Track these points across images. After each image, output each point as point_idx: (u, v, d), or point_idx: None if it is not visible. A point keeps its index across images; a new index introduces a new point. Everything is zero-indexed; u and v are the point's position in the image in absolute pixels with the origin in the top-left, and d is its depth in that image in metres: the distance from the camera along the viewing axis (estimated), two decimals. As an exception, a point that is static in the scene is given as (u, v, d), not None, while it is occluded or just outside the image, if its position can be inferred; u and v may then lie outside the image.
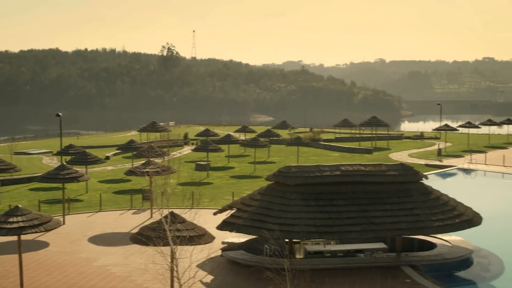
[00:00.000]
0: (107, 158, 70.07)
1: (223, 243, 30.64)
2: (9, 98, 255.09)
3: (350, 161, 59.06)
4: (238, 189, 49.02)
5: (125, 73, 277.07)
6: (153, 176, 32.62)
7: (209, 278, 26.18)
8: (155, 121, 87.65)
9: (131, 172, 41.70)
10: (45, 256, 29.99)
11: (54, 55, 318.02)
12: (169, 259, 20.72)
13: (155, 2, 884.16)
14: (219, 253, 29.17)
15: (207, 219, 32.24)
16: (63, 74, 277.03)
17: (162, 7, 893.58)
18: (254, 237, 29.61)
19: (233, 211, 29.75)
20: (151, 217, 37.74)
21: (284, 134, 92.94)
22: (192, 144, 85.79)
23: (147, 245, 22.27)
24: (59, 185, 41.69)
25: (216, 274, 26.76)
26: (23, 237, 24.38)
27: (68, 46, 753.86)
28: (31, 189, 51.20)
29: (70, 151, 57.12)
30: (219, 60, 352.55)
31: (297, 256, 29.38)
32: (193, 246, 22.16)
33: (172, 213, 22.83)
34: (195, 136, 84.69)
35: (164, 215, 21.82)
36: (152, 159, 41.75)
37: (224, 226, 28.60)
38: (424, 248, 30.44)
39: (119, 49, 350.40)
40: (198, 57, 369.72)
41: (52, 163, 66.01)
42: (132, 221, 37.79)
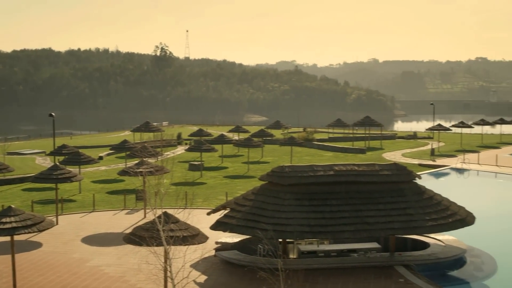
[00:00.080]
0: (101, 158, 69.93)
1: (216, 243, 30.62)
2: (2, 98, 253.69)
3: (343, 161, 59.12)
4: (231, 189, 49.02)
5: (118, 73, 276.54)
6: (147, 176, 32.59)
7: (202, 278, 26.16)
8: (148, 121, 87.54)
9: (124, 172, 41.66)
10: (38, 256, 29.92)
11: (47, 55, 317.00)
12: (162, 259, 20.69)
13: (148, 2, 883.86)
14: (212, 253, 29.16)
15: (200, 219, 32.21)
16: (56, 74, 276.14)
17: (156, 7, 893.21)
18: (248, 237, 29.61)
19: (226, 211, 29.73)
20: (145, 217, 37.71)
21: (277, 134, 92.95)
22: (186, 144, 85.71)
23: (141, 245, 22.24)
24: (52, 185, 41.59)
25: (210, 274, 26.75)
26: (16, 237, 24.30)
27: (61, 46, 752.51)
28: (24, 189, 51.05)
29: (63, 151, 57.00)
30: (212, 60, 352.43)
31: (291, 256, 29.39)
32: (186, 246, 22.15)
33: (165, 213, 22.80)
34: (189, 136, 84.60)
35: (157, 215, 21.80)
36: (146, 159, 41.73)
37: (218, 226, 28.58)
38: (418, 247, 30.51)
39: (112, 49, 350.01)
40: (192, 57, 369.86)
41: (45, 163, 65.86)
42: (125, 221, 37.73)
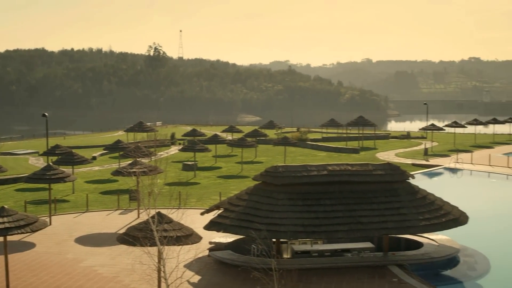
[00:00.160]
0: (94, 158, 69.81)
1: (210, 243, 30.62)
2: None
3: (337, 160, 59.21)
4: (225, 189, 49.01)
5: (111, 73, 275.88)
6: (140, 176, 32.56)
7: (196, 278, 26.16)
8: (142, 121, 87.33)
9: (118, 172, 41.60)
10: (31, 257, 29.84)
11: (41, 55, 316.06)
12: (156, 259, 20.67)
13: (142, 2, 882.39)
14: (206, 253, 29.16)
15: (194, 219, 32.21)
16: (49, 74, 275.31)
17: (149, 7, 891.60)
18: (242, 237, 29.61)
19: (220, 211, 29.73)
20: (138, 217, 37.66)
21: (271, 134, 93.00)
22: (179, 144, 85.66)
23: (134, 245, 22.22)
24: (46, 185, 41.48)
25: (203, 274, 26.74)
26: (9, 238, 24.21)
27: (54, 46, 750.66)
28: (17, 190, 50.91)
29: (56, 152, 56.86)
30: (206, 60, 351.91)
31: (284, 256, 29.41)
32: (180, 246, 22.13)
33: (159, 213, 22.79)
34: (182, 136, 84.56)
35: (151, 215, 21.79)
36: (139, 159, 41.66)
37: (211, 226, 28.58)
38: (411, 247, 30.59)
39: (105, 49, 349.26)
40: (185, 57, 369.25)
41: (38, 163, 65.67)
42: (119, 221, 37.68)
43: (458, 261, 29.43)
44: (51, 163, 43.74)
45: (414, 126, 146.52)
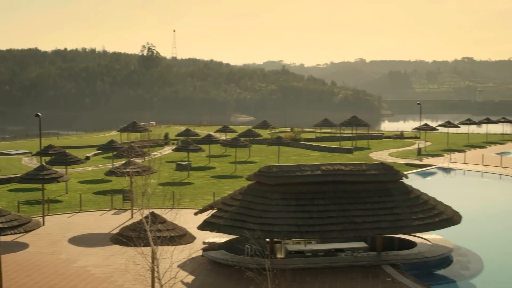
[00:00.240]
0: (87, 158, 69.68)
1: (204, 243, 30.60)
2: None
3: (330, 160, 59.25)
4: (219, 189, 48.99)
5: (105, 73, 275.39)
6: (134, 176, 32.51)
7: (190, 278, 26.13)
8: (135, 121, 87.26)
9: (111, 173, 41.54)
10: (24, 257, 29.76)
11: (34, 54, 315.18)
12: (149, 259, 20.65)
13: (135, 2, 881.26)
14: (200, 253, 29.13)
15: (188, 219, 32.20)
16: (42, 74, 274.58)
17: (142, 7, 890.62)
18: (235, 237, 29.60)
19: (214, 211, 29.71)
20: (132, 217, 37.62)
21: (264, 134, 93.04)
22: (173, 144, 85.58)
23: (128, 245, 22.19)
24: (39, 185, 41.35)
25: (197, 274, 26.72)
26: (2, 238, 24.16)
27: (47, 46, 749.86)
28: (10, 190, 50.76)
29: (49, 152, 56.72)
30: (199, 60, 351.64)
31: (278, 256, 29.41)
32: (174, 247, 22.11)
33: (152, 214, 22.77)
34: (176, 136, 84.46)
35: (144, 215, 21.76)
36: (133, 159, 41.59)
37: (205, 226, 28.56)
38: (405, 247, 30.65)
39: (99, 49, 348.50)
40: (179, 57, 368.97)
41: (32, 163, 65.46)
42: (112, 221, 37.61)
43: (452, 261, 29.50)
44: (44, 163, 43.64)
45: (408, 126, 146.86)
